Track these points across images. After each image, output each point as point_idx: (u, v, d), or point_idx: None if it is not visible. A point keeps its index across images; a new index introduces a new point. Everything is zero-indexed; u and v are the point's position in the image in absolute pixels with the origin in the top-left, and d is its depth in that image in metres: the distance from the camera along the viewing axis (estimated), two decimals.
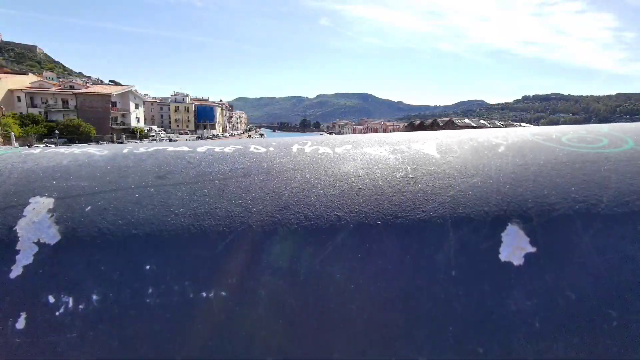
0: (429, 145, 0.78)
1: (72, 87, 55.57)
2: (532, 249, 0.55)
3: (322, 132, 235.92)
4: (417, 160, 0.72)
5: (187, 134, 77.53)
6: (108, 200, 0.63)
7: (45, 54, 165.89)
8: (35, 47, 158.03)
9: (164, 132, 73.02)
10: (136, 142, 44.75)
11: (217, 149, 0.80)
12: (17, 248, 0.57)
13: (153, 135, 61.74)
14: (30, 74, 62.86)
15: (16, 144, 34.63)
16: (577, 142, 0.75)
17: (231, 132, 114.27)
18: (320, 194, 0.64)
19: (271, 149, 0.80)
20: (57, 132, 42.66)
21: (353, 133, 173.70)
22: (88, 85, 65.13)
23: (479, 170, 0.67)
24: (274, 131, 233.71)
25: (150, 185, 0.66)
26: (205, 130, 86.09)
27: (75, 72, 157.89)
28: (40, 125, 44.06)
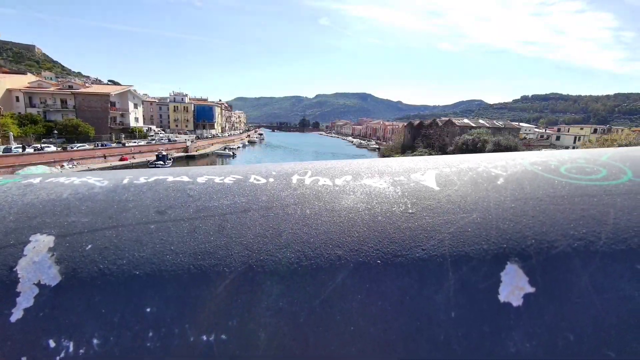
0: (428, 176, 0.78)
1: (70, 87, 55.43)
2: (532, 289, 0.54)
3: (321, 132, 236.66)
4: (417, 193, 0.71)
5: (186, 133, 77.39)
6: (109, 238, 0.62)
7: (44, 54, 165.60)
8: (33, 46, 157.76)
9: (163, 132, 72.97)
10: (135, 142, 44.55)
11: (217, 180, 0.79)
12: (18, 290, 0.56)
13: (152, 135, 61.68)
14: (28, 74, 62.71)
15: (15, 144, 34.56)
16: (575, 174, 0.75)
17: (230, 132, 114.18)
18: (320, 231, 0.63)
19: (271, 179, 0.79)
20: (55, 132, 42.58)
21: (352, 133, 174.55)
22: (87, 85, 65.00)
23: (478, 205, 0.66)
24: (273, 131, 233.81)
25: (150, 221, 0.66)
26: (204, 130, 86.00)
27: (74, 72, 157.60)
28: (39, 125, 43.94)
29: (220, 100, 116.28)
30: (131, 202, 0.71)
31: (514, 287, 0.55)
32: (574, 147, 54.76)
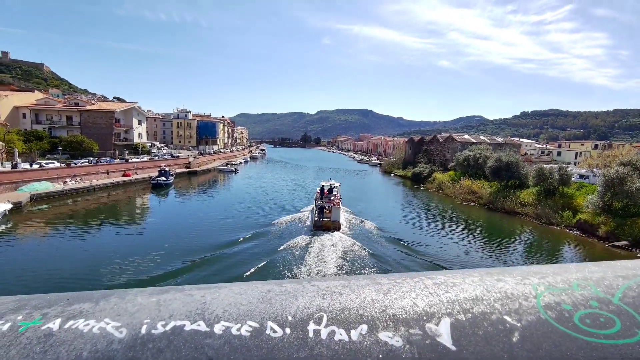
0: (443, 327, 0.75)
1: (76, 104, 56.45)
2: None
3: (322, 148, 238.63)
4: (432, 357, 0.69)
5: (188, 149, 78.14)
6: None
7: (52, 72, 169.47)
8: (42, 65, 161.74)
9: (166, 148, 73.71)
10: (138, 158, 44.76)
11: (234, 330, 0.76)
12: None
13: (155, 151, 62.25)
14: (36, 91, 64.00)
15: (19, 160, 34.91)
16: (590, 326, 0.73)
17: (233, 147, 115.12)
18: None
19: (287, 330, 0.76)
20: (60, 148, 43.09)
21: (354, 148, 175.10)
22: (92, 102, 66.22)
23: None
24: (275, 146, 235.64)
25: None
26: (207, 146, 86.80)
27: (81, 89, 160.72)
28: (44, 142, 44.50)
29: (223, 117, 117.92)
30: None
31: None
32: (575, 163, 54.74)
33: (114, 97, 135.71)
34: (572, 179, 30.80)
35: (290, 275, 15.13)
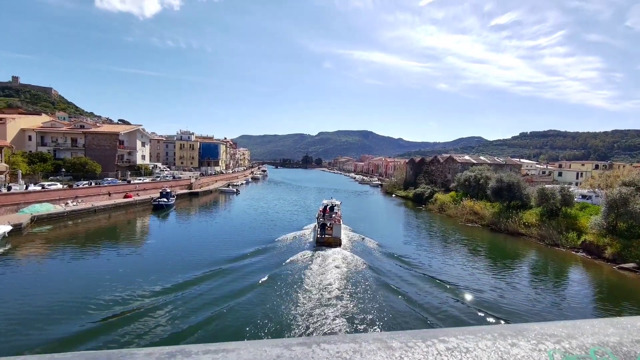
0: None
1: (82, 127, 57.57)
2: None
3: (324, 168, 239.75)
4: None
5: (190, 170, 78.73)
6: None
7: (60, 96, 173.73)
8: (50, 89, 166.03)
9: (168, 169, 74.33)
10: (140, 180, 44.91)
11: None
12: None
13: (157, 172, 62.71)
14: (43, 114, 65.41)
15: (22, 182, 35.14)
16: None
17: (234, 168, 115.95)
18: None
19: None
20: (63, 169, 43.48)
21: (355, 169, 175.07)
22: (98, 124, 67.63)
23: None
24: (277, 167, 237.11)
25: None
26: (209, 167, 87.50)
27: (87, 112, 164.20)
28: (48, 163, 44.98)
29: (225, 138, 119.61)
30: None
31: None
32: (577, 183, 54.67)
33: (119, 120, 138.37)
34: (575, 199, 30.65)
35: (293, 290, 14.95)
